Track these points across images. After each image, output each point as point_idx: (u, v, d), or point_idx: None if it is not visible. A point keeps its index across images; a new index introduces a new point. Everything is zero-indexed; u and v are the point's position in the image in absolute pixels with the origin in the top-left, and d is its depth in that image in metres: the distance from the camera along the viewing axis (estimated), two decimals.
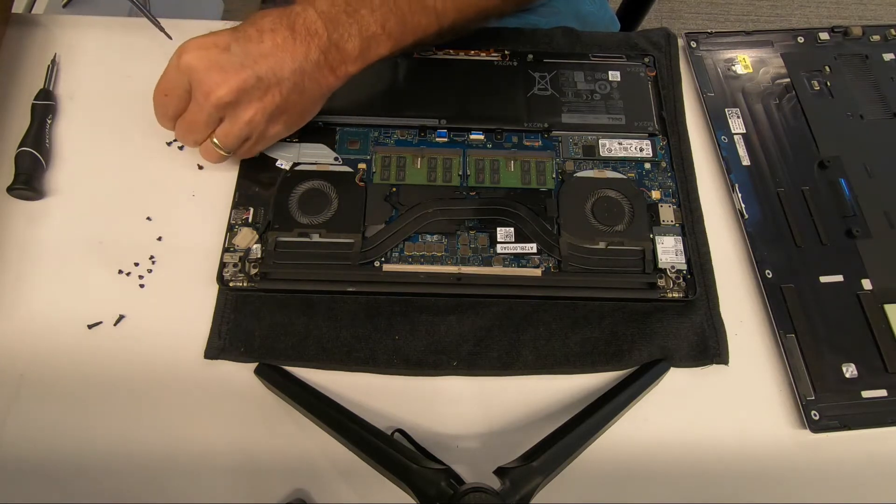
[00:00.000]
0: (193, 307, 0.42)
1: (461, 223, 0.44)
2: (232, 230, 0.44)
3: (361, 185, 0.45)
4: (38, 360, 0.41)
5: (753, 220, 0.46)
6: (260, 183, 0.45)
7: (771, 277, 0.44)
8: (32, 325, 0.42)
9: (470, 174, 0.46)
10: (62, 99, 0.50)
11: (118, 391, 0.40)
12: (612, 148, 0.48)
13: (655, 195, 0.46)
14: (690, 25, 1.46)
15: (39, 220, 0.45)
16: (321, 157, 0.46)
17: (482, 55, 0.51)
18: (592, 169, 0.47)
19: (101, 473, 0.38)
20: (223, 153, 0.43)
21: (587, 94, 0.50)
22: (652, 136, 0.48)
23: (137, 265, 0.44)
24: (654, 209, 0.46)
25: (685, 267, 0.43)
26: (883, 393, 0.41)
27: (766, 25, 1.46)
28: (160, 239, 0.45)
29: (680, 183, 0.47)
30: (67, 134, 0.48)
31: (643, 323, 0.43)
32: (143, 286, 0.43)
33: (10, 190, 0.45)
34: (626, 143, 0.48)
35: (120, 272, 0.43)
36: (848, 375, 0.41)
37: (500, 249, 0.44)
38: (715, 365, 0.42)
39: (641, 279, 0.43)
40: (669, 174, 0.47)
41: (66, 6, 0.83)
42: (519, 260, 0.43)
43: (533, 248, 0.44)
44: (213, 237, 0.44)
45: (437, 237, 0.44)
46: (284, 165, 0.46)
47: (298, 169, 0.46)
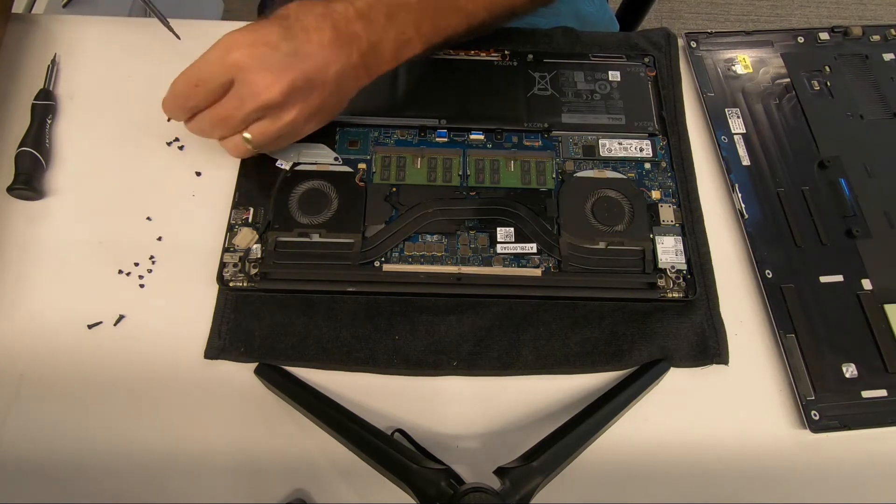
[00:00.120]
0: (193, 307, 0.42)
1: (461, 223, 0.44)
2: (232, 230, 0.44)
3: (361, 185, 0.45)
4: (38, 360, 0.41)
5: (753, 220, 0.46)
6: (260, 183, 0.45)
7: (771, 277, 0.44)
8: (32, 325, 0.42)
9: (470, 174, 0.46)
10: (62, 99, 0.50)
11: (118, 391, 0.40)
12: (612, 148, 0.48)
13: (655, 195, 0.46)
14: (690, 25, 1.46)
15: (39, 220, 0.45)
16: (321, 157, 0.46)
17: (482, 55, 0.51)
18: (592, 169, 0.47)
19: (101, 473, 0.38)
20: (256, 147, 0.42)
21: (587, 94, 0.50)
22: (652, 136, 0.48)
23: (137, 265, 0.44)
24: (654, 209, 0.46)
25: (685, 267, 0.43)
26: (883, 393, 0.41)
27: (766, 25, 1.46)
28: (160, 239, 0.45)
29: (680, 183, 0.47)
30: (67, 134, 0.48)
31: (643, 323, 0.43)
32: (143, 286, 0.43)
33: (10, 190, 0.45)
34: (626, 143, 0.48)
35: (120, 272, 0.43)
36: (848, 375, 0.41)
37: (500, 249, 0.44)
38: (715, 365, 0.42)
39: (641, 279, 0.43)
40: (669, 174, 0.47)
41: (66, 6, 0.83)
42: (519, 260, 0.43)
43: (533, 248, 0.44)
44: (213, 237, 0.44)
45: (437, 237, 0.44)
46: (284, 165, 0.46)
47: (298, 169, 0.46)
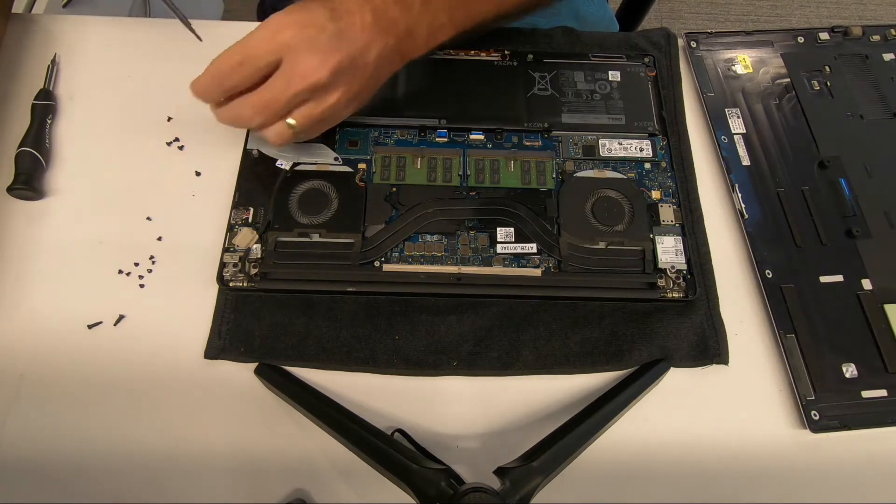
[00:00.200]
0: (193, 307, 0.42)
1: (461, 223, 0.44)
2: (232, 230, 0.44)
3: (361, 185, 0.45)
4: (38, 360, 0.41)
5: (753, 220, 0.46)
6: (260, 183, 0.45)
7: (771, 277, 0.44)
8: (32, 325, 0.42)
9: (470, 174, 0.46)
10: (62, 99, 0.50)
11: (118, 391, 0.40)
12: (612, 148, 0.48)
13: (655, 195, 0.46)
14: (690, 25, 1.46)
15: (39, 220, 0.45)
16: (321, 157, 0.46)
17: (482, 55, 0.51)
18: (592, 169, 0.47)
19: (101, 473, 0.38)
20: (297, 133, 0.41)
21: (587, 94, 0.50)
22: (652, 136, 0.48)
23: (137, 265, 0.44)
24: (654, 209, 0.46)
25: (685, 267, 0.43)
26: (883, 393, 0.41)
27: (766, 25, 1.46)
28: (160, 239, 0.45)
29: (680, 183, 0.47)
30: (67, 134, 0.48)
31: (643, 323, 0.43)
32: (143, 286, 0.43)
33: (10, 190, 0.45)
34: (626, 143, 0.48)
35: (120, 272, 0.43)
36: (848, 375, 0.41)
37: (500, 249, 0.44)
38: (715, 365, 0.42)
39: (641, 279, 0.43)
40: (669, 174, 0.47)
41: (66, 6, 0.83)
42: (519, 260, 0.43)
43: (533, 248, 0.44)
44: (213, 237, 0.44)
45: (437, 237, 0.44)
46: (284, 165, 0.46)
47: (298, 169, 0.46)
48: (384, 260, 0.43)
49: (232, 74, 0.39)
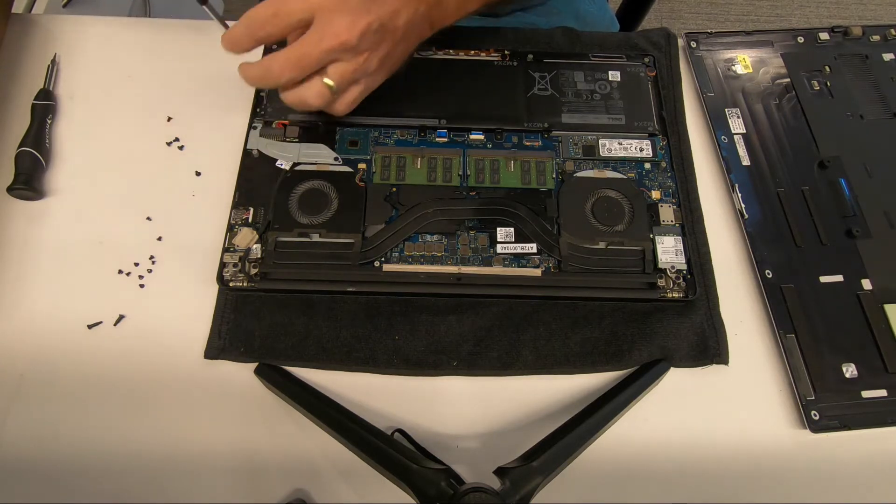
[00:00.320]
0: (193, 307, 0.42)
1: (461, 223, 0.44)
2: (232, 230, 0.44)
3: (361, 185, 0.45)
4: (38, 360, 0.41)
5: (753, 220, 0.46)
6: (260, 183, 0.45)
7: (771, 277, 0.44)
8: (32, 325, 0.42)
9: (470, 174, 0.46)
10: (62, 99, 0.50)
11: (118, 391, 0.40)
12: (612, 148, 0.48)
13: (655, 195, 0.46)
14: (690, 25, 1.46)
15: (39, 220, 0.45)
16: (321, 157, 0.46)
17: (482, 55, 0.51)
18: (592, 169, 0.47)
19: (101, 473, 0.38)
20: (333, 90, 0.42)
21: (587, 94, 0.50)
22: (652, 136, 0.48)
23: (137, 265, 0.44)
24: (654, 209, 0.46)
25: (685, 267, 0.43)
26: (883, 393, 0.41)
27: (766, 25, 1.46)
28: (160, 239, 0.45)
29: (680, 183, 0.47)
30: (67, 134, 0.48)
31: (643, 323, 0.43)
32: (143, 286, 0.43)
33: (10, 190, 0.45)
34: (626, 143, 0.48)
35: (120, 272, 0.43)
36: (848, 375, 0.41)
37: (500, 249, 0.44)
38: (715, 365, 0.42)
39: (641, 279, 0.43)
40: (669, 174, 0.47)
41: (66, 6, 0.83)
42: (519, 260, 0.43)
43: (533, 248, 0.44)
44: (213, 237, 0.44)
45: (437, 237, 0.44)
46: (284, 165, 0.46)
47: (298, 169, 0.46)
48: (384, 260, 0.43)
49: (265, 25, 0.40)
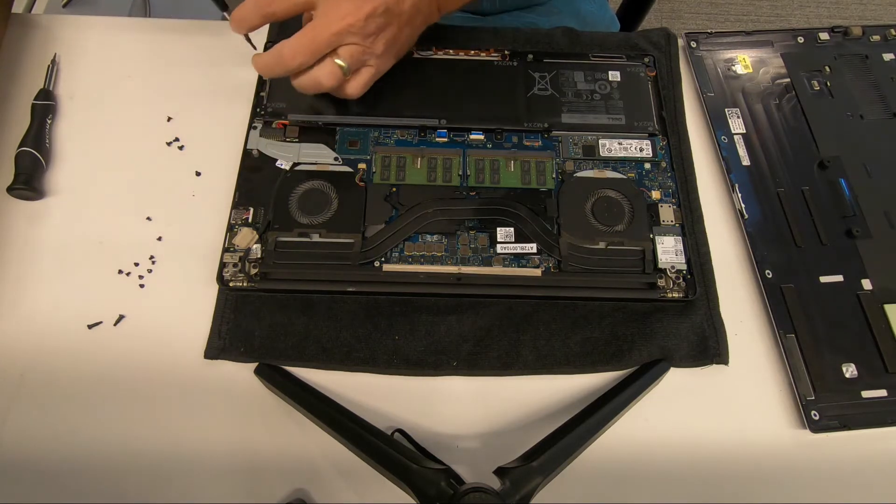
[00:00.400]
0: (193, 307, 0.42)
1: (461, 223, 0.44)
2: (232, 230, 0.44)
3: (361, 185, 0.45)
4: (38, 359, 0.41)
5: (753, 220, 0.46)
6: (260, 183, 0.45)
7: (771, 277, 0.44)
8: (33, 325, 0.42)
9: (470, 174, 0.46)
10: (62, 99, 0.50)
11: (118, 391, 0.40)
12: (612, 148, 0.48)
13: (655, 195, 0.46)
14: (690, 25, 1.46)
15: (39, 220, 0.45)
16: (321, 157, 0.46)
17: (482, 55, 0.51)
18: (592, 169, 0.47)
19: (101, 473, 0.38)
20: (345, 71, 0.43)
21: (587, 94, 0.50)
22: (652, 136, 0.48)
23: (137, 265, 0.44)
24: (654, 209, 0.46)
25: (685, 267, 0.43)
26: (883, 393, 0.41)
27: (766, 25, 1.46)
28: (160, 239, 0.45)
29: (680, 183, 0.47)
30: (67, 134, 0.48)
31: (643, 323, 0.43)
32: (143, 286, 0.43)
33: (10, 190, 0.45)
34: (626, 143, 0.48)
35: (120, 272, 0.43)
36: (848, 375, 0.41)
37: (500, 249, 0.44)
38: (715, 365, 0.42)
39: (641, 279, 0.43)
40: (669, 174, 0.47)
41: (66, 6, 0.83)
42: (519, 260, 0.43)
43: (533, 248, 0.44)
44: (213, 237, 0.44)
45: (437, 237, 0.44)
46: (284, 165, 0.46)
47: (298, 169, 0.46)
48: (384, 260, 0.43)
49: (273, 2, 0.41)
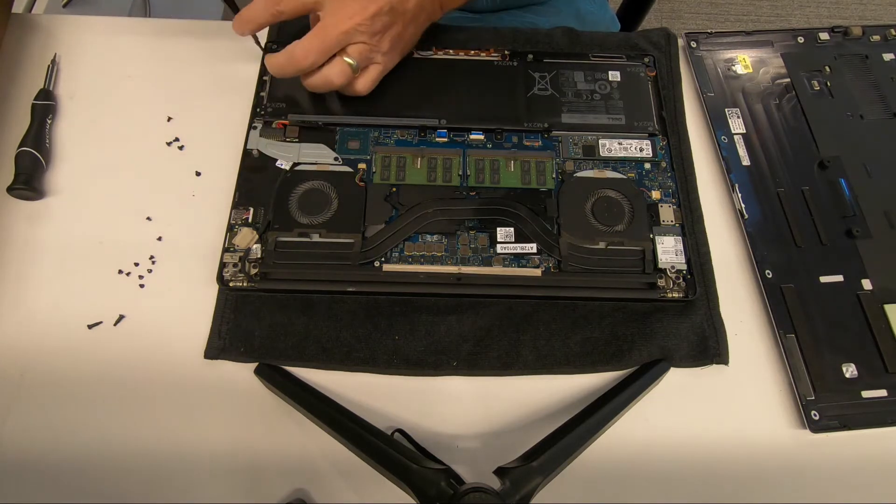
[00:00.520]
0: (193, 307, 0.42)
1: (461, 223, 0.44)
2: (232, 230, 0.44)
3: (361, 185, 0.45)
4: (38, 359, 0.41)
5: (753, 220, 0.46)
6: (260, 183, 0.45)
7: (771, 277, 0.44)
8: (33, 324, 0.42)
9: (470, 174, 0.46)
10: (62, 99, 0.50)
11: (118, 391, 0.40)
12: (612, 148, 0.48)
13: (655, 195, 0.46)
14: (690, 25, 1.46)
15: (39, 220, 0.45)
16: (321, 157, 0.46)
17: (482, 55, 0.51)
18: (592, 169, 0.47)
19: (101, 473, 0.38)
20: (354, 68, 0.44)
21: (587, 94, 0.50)
22: (652, 136, 0.48)
23: (137, 265, 0.44)
24: (654, 209, 0.46)
25: (685, 267, 0.43)
26: (883, 393, 0.41)
27: (766, 25, 1.46)
28: (160, 239, 0.45)
29: (680, 183, 0.47)
30: (67, 134, 0.48)
31: (643, 323, 0.43)
32: (143, 286, 0.43)
33: (10, 190, 0.45)
34: (626, 143, 0.48)
35: (120, 272, 0.43)
36: (848, 375, 0.41)
37: (500, 249, 0.44)
38: (715, 365, 0.42)
39: (641, 279, 0.43)
40: (669, 174, 0.47)
41: (66, 6, 0.83)
42: (519, 260, 0.43)
43: (533, 248, 0.44)
44: (213, 237, 0.44)
45: (437, 237, 0.44)
46: (284, 165, 0.46)
47: (298, 169, 0.46)
48: (384, 260, 0.43)
49: (282, 1, 0.42)
